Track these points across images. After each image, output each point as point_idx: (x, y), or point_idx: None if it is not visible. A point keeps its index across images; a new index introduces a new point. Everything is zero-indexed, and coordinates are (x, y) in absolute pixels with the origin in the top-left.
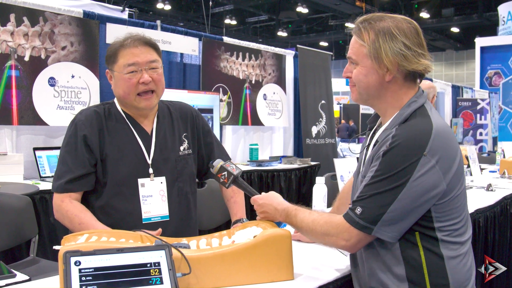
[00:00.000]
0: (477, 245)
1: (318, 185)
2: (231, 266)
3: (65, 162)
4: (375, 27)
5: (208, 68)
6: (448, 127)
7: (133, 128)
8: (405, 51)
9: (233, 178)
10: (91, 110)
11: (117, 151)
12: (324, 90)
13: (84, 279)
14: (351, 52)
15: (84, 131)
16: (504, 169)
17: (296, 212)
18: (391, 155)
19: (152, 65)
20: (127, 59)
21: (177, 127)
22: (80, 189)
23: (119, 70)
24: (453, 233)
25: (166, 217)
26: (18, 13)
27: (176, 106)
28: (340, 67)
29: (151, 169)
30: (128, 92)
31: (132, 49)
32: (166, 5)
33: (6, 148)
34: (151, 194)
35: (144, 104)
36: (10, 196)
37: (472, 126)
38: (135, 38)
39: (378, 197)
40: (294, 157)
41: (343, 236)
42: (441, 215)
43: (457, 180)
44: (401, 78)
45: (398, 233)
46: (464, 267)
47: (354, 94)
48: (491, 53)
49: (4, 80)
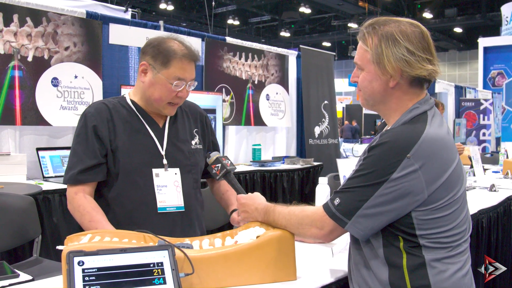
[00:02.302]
0: (480, 245)
1: (321, 185)
2: (234, 266)
3: (76, 153)
4: (379, 32)
5: (211, 68)
6: (446, 137)
7: (144, 121)
8: (408, 56)
9: (225, 172)
10: (101, 103)
11: (128, 142)
12: (327, 90)
13: (87, 279)
14: (356, 57)
15: (94, 122)
16: (507, 170)
17: (275, 207)
18: (376, 152)
19: (192, 83)
20: (179, 73)
21: (188, 122)
22: (92, 179)
23: (167, 77)
24: (441, 243)
25: (181, 208)
26: (21, 14)
27: (186, 104)
28: (343, 68)
29: (165, 160)
30: (163, 99)
31: (185, 64)
32: (169, 6)
33: (9, 148)
34: (166, 184)
35: (168, 112)
36: (13, 196)
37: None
38: (190, 52)
39: (357, 192)
40: (297, 158)
41: (316, 224)
42: (423, 222)
43: (446, 191)
44: (406, 84)
45: (368, 231)
46: (452, 277)
47: (361, 99)
48: (494, 53)
49: (7, 81)
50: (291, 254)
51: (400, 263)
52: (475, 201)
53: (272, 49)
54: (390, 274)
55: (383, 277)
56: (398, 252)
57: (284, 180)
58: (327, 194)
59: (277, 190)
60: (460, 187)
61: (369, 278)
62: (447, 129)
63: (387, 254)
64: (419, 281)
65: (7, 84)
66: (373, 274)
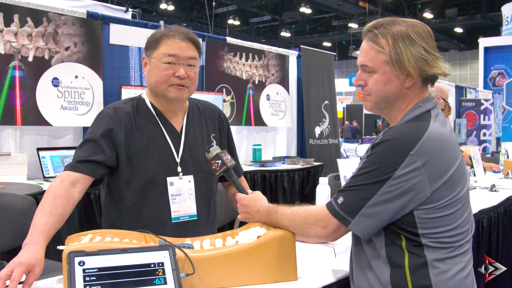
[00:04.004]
0: (480, 245)
1: (322, 185)
2: (235, 266)
3: (82, 147)
4: (391, 31)
5: (212, 68)
6: (449, 135)
7: (162, 126)
8: (426, 55)
9: (225, 169)
10: (121, 105)
11: (145, 148)
12: (327, 90)
13: (88, 279)
14: (365, 60)
15: (111, 125)
16: (508, 170)
17: (277, 208)
18: (379, 149)
19: (190, 61)
20: (168, 49)
21: (206, 126)
22: (85, 172)
23: (157, 58)
24: (444, 243)
25: (194, 216)
26: (22, 14)
27: (205, 106)
28: (344, 68)
29: (180, 168)
30: (161, 81)
31: (176, 41)
32: (169, 6)
33: (10, 149)
34: (180, 193)
35: (174, 94)
36: (13, 196)
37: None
38: (181, 31)
39: (360, 190)
40: (297, 158)
41: (320, 224)
42: (425, 221)
43: (449, 189)
44: (420, 83)
45: (372, 229)
46: (454, 278)
47: (369, 103)
48: (495, 54)
49: (8, 81)
50: (292, 254)
51: (402, 263)
52: (476, 201)
53: (273, 49)
54: (392, 274)
55: (385, 277)
56: (400, 251)
57: (285, 180)
58: (328, 194)
59: (278, 190)
60: (463, 187)
61: (371, 278)
62: (450, 128)
63: (389, 254)
64: (420, 281)
65: (8, 84)
66: (375, 274)
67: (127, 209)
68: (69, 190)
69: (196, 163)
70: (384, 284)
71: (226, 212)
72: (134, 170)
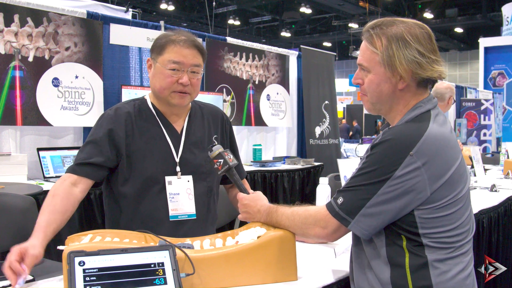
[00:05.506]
0: (480, 245)
1: (322, 185)
2: (235, 266)
3: (84, 150)
4: (387, 32)
5: (212, 68)
6: (449, 135)
7: (163, 126)
8: (420, 59)
9: (227, 168)
10: (122, 106)
11: (144, 147)
12: (327, 90)
13: (88, 279)
14: (362, 59)
15: (111, 125)
16: (508, 170)
17: (277, 208)
18: (378, 149)
19: (194, 69)
20: (173, 56)
21: (208, 128)
22: (84, 174)
23: (162, 63)
24: (444, 243)
25: (193, 216)
26: (22, 14)
27: (208, 108)
28: (344, 68)
29: (178, 167)
30: (164, 87)
31: (182, 48)
32: (169, 6)
33: (10, 149)
34: (178, 192)
35: (177, 101)
36: (14, 196)
37: (476, 126)
38: (187, 38)
39: (360, 190)
40: (298, 158)
41: (320, 224)
42: (425, 221)
43: (449, 189)
44: (414, 86)
45: (372, 230)
46: (454, 278)
47: (367, 104)
48: (495, 54)
49: (8, 81)
50: (292, 254)
51: (402, 263)
52: (476, 201)
53: (273, 49)
54: (392, 274)
55: (385, 277)
56: (401, 251)
57: (285, 180)
58: (328, 195)
59: (278, 191)
60: (463, 186)
61: (371, 278)
62: (450, 128)
63: (390, 253)
64: (421, 281)
65: (8, 84)
66: (375, 274)
67: (126, 206)
68: (70, 189)
69: (196, 164)
70: (384, 284)
71: (226, 212)
72: (133, 169)
